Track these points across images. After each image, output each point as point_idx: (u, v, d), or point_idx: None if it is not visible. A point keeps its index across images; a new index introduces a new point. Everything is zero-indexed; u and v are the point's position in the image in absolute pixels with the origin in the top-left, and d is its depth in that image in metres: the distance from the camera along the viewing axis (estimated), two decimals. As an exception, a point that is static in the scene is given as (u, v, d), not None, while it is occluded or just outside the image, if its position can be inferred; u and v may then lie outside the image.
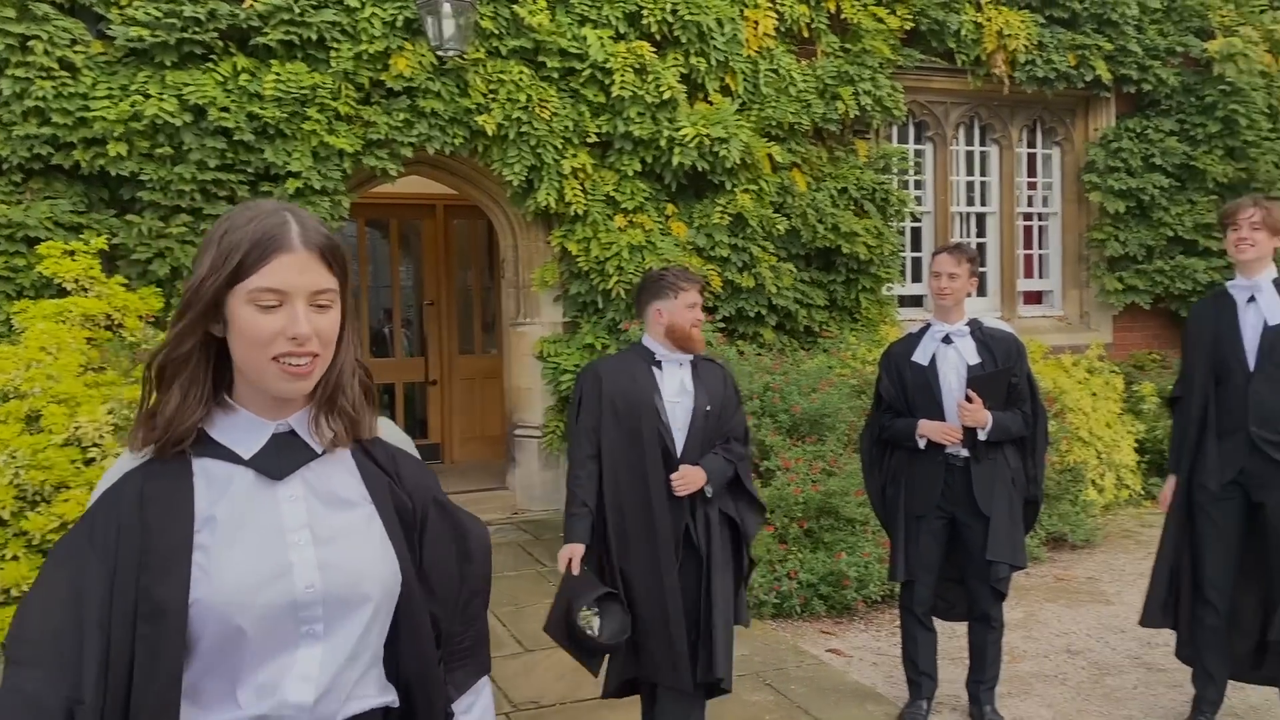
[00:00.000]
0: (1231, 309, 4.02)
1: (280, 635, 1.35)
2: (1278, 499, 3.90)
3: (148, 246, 6.41)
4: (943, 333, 4.14)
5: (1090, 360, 8.67)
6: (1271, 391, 3.89)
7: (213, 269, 1.36)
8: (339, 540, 1.40)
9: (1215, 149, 9.28)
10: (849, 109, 8.05)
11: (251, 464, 1.40)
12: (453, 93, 7.07)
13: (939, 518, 4.12)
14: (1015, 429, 4.04)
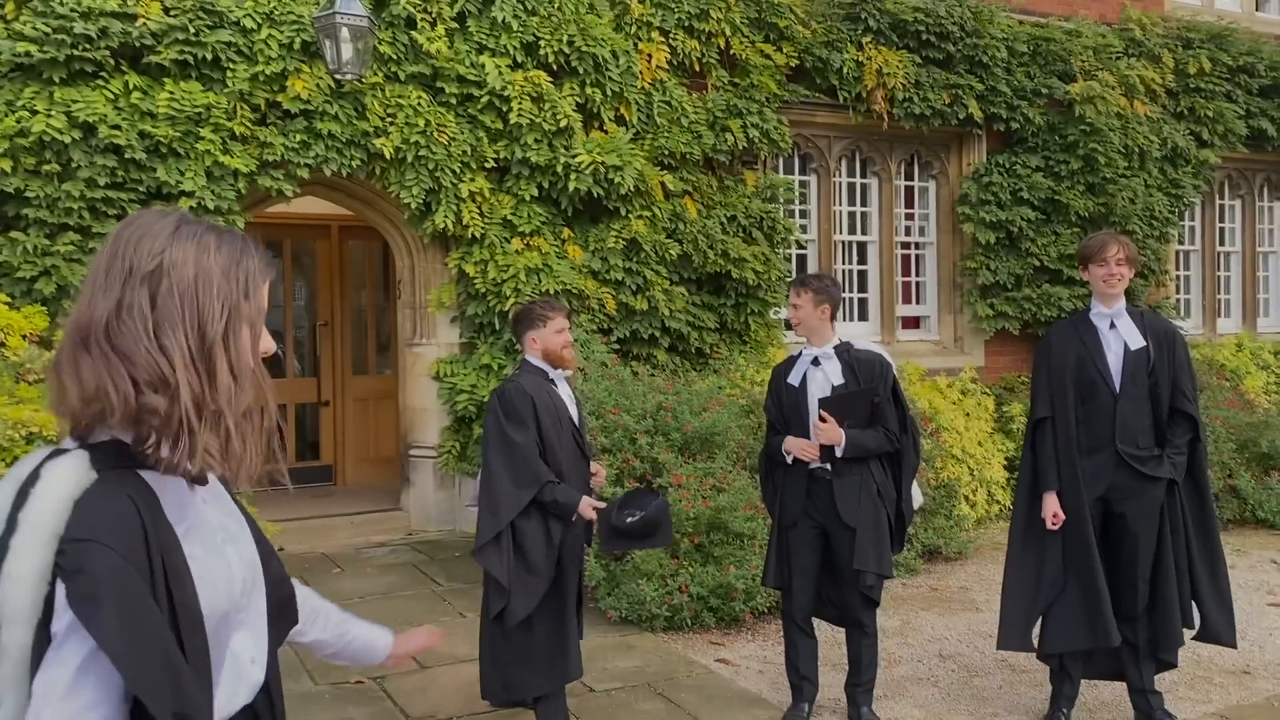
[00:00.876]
0: (1094, 334, 4.34)
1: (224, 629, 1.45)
2: (1136, 509, 4.25)
3: (33, 264, 6.30)
4: (812, 355, 4.45)
5: (964, 382, 9.16)
6: (1134, 410, 4.25)
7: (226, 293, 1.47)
8: (236, 536, 1.52)
9: (1077, 184, 9.93)
10: (738, 140, 8.37)
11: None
12: (350, 115, 7.14)
13: (811, 527, 4.39)
14: (874, 446, 4.30)
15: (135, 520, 1.29)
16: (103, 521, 1.27)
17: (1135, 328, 4.31)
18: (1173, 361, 4.27)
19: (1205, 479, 4.39)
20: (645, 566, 5.75)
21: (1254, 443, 8.61)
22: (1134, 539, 4.27)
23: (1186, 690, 4.89)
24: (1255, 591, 6.59)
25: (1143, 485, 4.25)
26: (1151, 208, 10.40)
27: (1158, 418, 4.27)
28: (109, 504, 1.29)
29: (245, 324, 1.42)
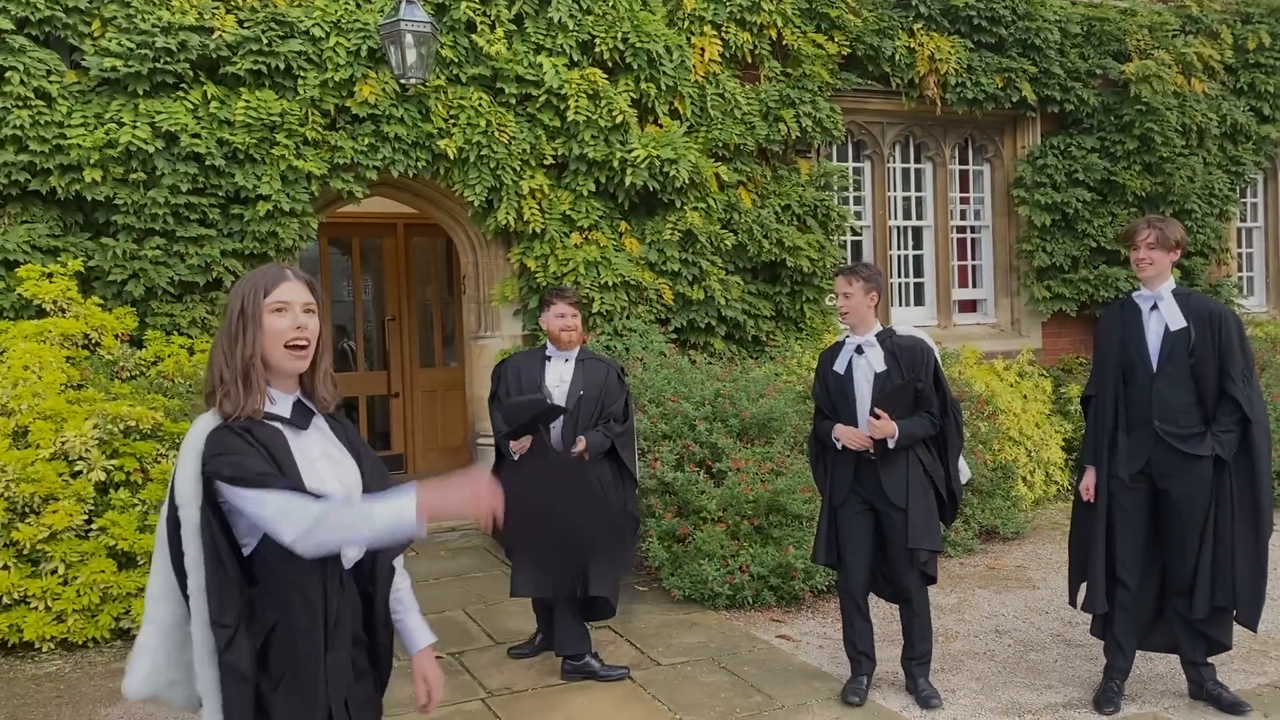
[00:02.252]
0: (1137, 316, 4.49)
1: None
2: (1179, 485, 4.37)
3: (123, 268, 6.67)
4: (856, 344, 4.65)
5: (1021, 365, 9.21)
6: (1171, 389, 4.37)
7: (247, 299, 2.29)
8: (338, 462, 2.36)
9: (1133, 165, 9.89)
10: (791, 130, 8.51)
11: (290, 420, 2.31)
12: (415, 118, 7.42)
13: (860, 505, 4.60)
14: (921, 433, 4.51)
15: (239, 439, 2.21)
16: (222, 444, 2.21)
17: (1178, 309, 4.41)
18: (1219, 343, 4.33)
19: (1261, 462, 4.38)
20: (706, 548, 5.96)
21: (1317, 420, 8.55)
22: (1179, 514, 4.38)
23: (1241, 663, 4.97)
24: (1316, 568, 6.60)
25: (1185, 462, 4.34)
26: (1210, 186, 10.32)
27: (1202, 398, 4.35)
28: (223, 435, 2.22)
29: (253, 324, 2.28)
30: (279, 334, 2.25)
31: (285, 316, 2.26)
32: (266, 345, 2.25)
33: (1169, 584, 4.50)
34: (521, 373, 5.07)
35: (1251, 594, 4.39)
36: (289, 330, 2.26)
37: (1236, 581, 4.37)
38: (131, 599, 5.42)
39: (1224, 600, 4.38)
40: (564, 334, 5.04)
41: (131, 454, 5.65)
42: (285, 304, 2.27)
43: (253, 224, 6.93)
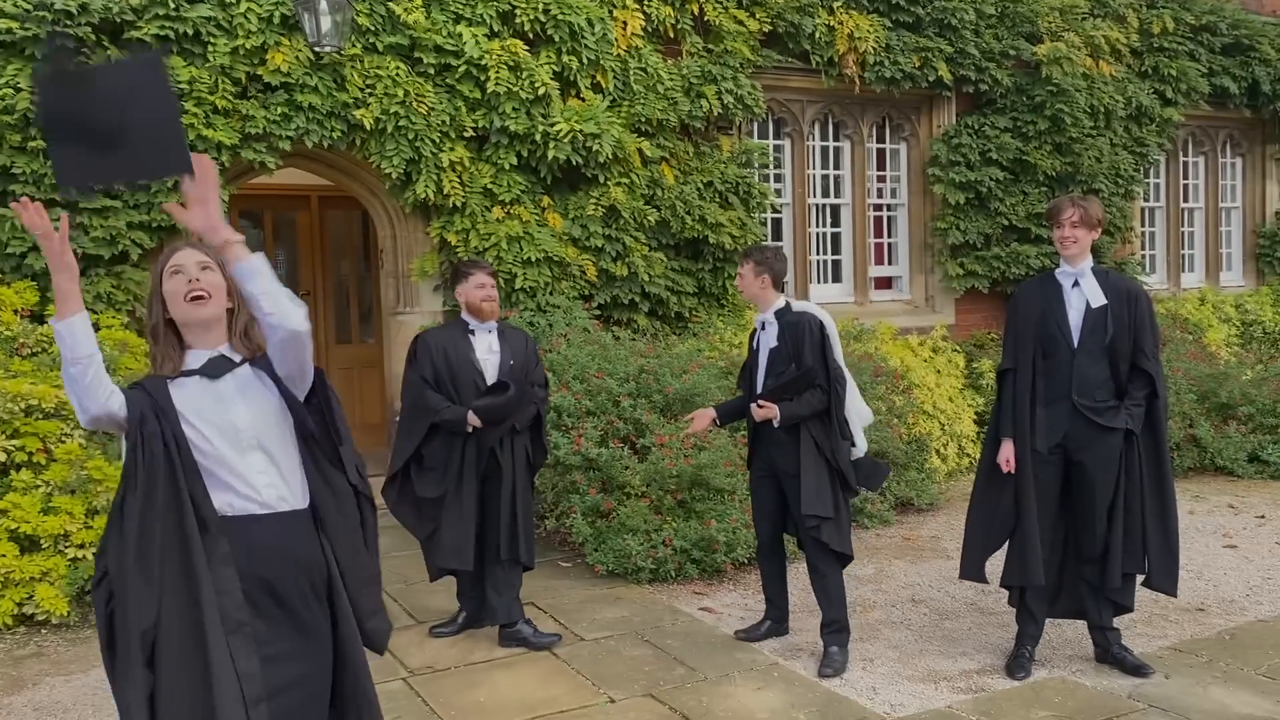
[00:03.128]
0: (1058, 292, 4.59)
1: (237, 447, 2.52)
2: (1092, 458, 4.51)
3: (22, 240, 6.39)
4: (760, 321, 4.93)
5: (935, 340, 9.41)
6: (1091, 365, 4.50)
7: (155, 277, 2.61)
8: (255, 396, 2.58)
9: (1044, 145, 10.14)
10: (713, 106, 8.52)
11: (200, 371, 2.56)
12: (330, 87, 7.23)
13: (765, 474, 4.91)
14: (808, 411, 4.69)
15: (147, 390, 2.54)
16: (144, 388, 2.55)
17: (1098, 287, 4.53)
18: (1134, 320, 4.48)
19: (1163, 433, 4.57)
20: (630, 522, 5.97)
21: (1214, 393, 8.93)
22: (1091, 486, 4.52)
23: (1144, 627, 5.18)
24: (1212, 535, 6.91)
25: (1099, 435, 4.48)
26: (1117, 166, 10.64)
27: (1116, 373, 4.49)
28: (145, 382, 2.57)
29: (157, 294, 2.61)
30: (177, 293, 2.53)
31: (180, 277, 2.54)
32: (171, 306, 2.55)
33: (1078, 553, 4.65)
34: (449, 349, 4.93)
35: (1165, 561, 4.56)
36: (183, 285, 2.53)
37: (1149, 550, 4.53)
38: (35, 583, 5.23)
39: (1133, 567, 4.56)
40: (486, 304, 4.95)
41: (34, 434, 5.44)
42: (179, 266, 2.55)
43: (160, 195, 6.69)
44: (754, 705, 4.34)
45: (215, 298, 2.55)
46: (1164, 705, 4.25)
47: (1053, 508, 4.62)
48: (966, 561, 4.79)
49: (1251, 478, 8.53)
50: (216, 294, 2.55)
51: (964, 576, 4.83)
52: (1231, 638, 5.04)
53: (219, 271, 2.55)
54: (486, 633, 5.12)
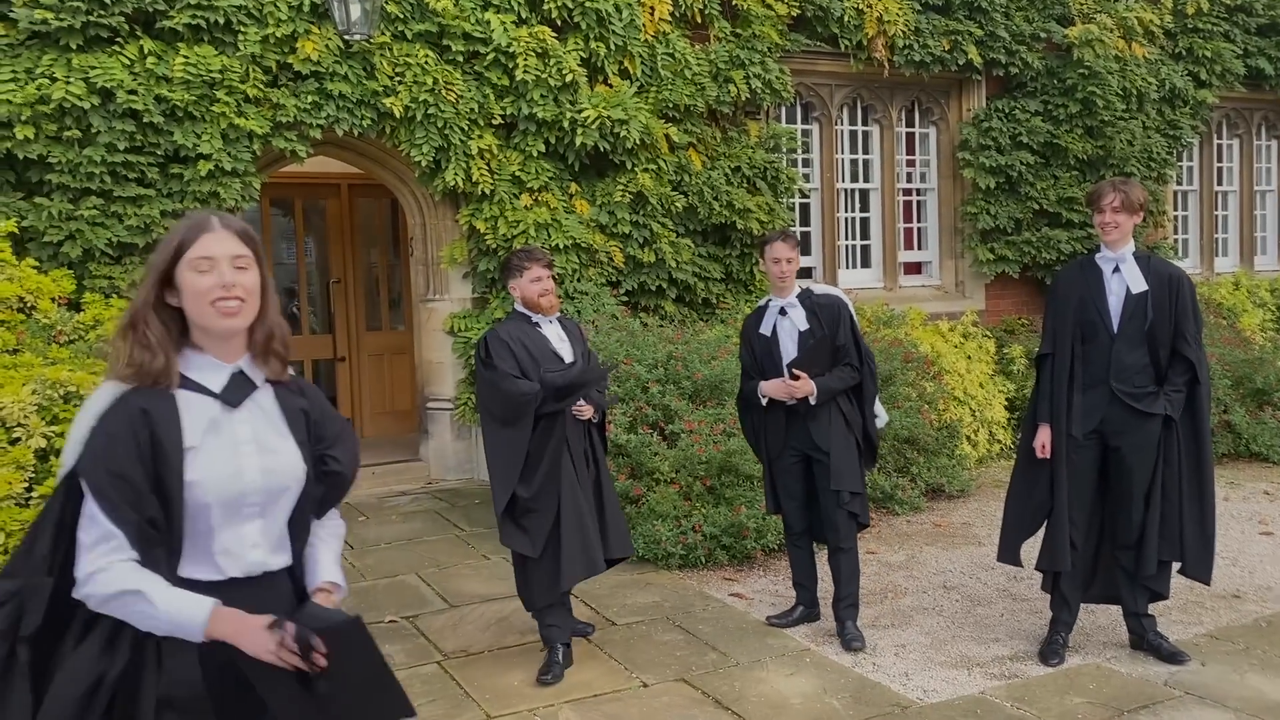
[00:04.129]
0: (1098, 277, 4.54)
1: (233, 516, 2.02)
2: (1130, 443, 4.48)
3: (58, 229, 6.46)
4: (779, 306, 4.90)
5: (965, 326, 9.34)
6: (1130, 351, 4.46)
7: (163, 255, 2.02)
8: (273, 450, 2.07)
9: (1075, 128, 10.03)
10: (741, 91, 8.48)
11: (219, 396, 2.04)
12: (360, 75, 7.26)
13: (791, 456, 4.89)
14: (840, 386, 4.79)
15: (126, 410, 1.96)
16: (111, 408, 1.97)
17: (1139, 272, 4.48)
18: (1175, 306, 4.43)
19: (1204, 420, 4.51)
20: (660, 508, 5.99)
21: (1249, 379, 8.83)
22: (1128, 472, 4.49)
23: (1179, 614, 5.14)
24: (1248, 521, 6.84)
25: (1138, 421, 4.44)
26: (1149, 149, 10.52)
27: (1156, 358, 4.45)
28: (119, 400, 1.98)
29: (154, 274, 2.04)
30: (202, 293, 1.98)
31: (210, 276, 1.98)
32: (188, 301, 2.00)
33: (1114, 538, 4.62)
34: (527, 342, 4.49)
35: (1200, 548, 4.52)
36: (213, 290, 1.98)
37: (1184, 537, 4.49)
38: (76, 568, 5.31)
39: (1170, 554, 4.52)
40: (544, 299, 4.56)
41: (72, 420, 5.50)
42: (210, 259, 1.99)
43: (193, 184, 6.75)
44: (786, 690, 4.34)
45: (249, 305, 2.02)
46: (1200, 692, 4.22)
47: (1089, 493, 4.59)
48: (1003, 545, 4.79)
49: (1287, 464, 8.43)
50: (250, 300, 2.02)
51: (1001, 559, 4.82)
52: (1268, 625, 4.99)
53: (255, 268, 2.04)
54: (519, 618, 5.15)
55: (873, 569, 5.94)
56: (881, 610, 5.32)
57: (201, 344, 2.04)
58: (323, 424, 2.19)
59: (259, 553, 2.06)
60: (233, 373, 2.05)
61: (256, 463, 2.03)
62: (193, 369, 2.03)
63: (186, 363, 2.03)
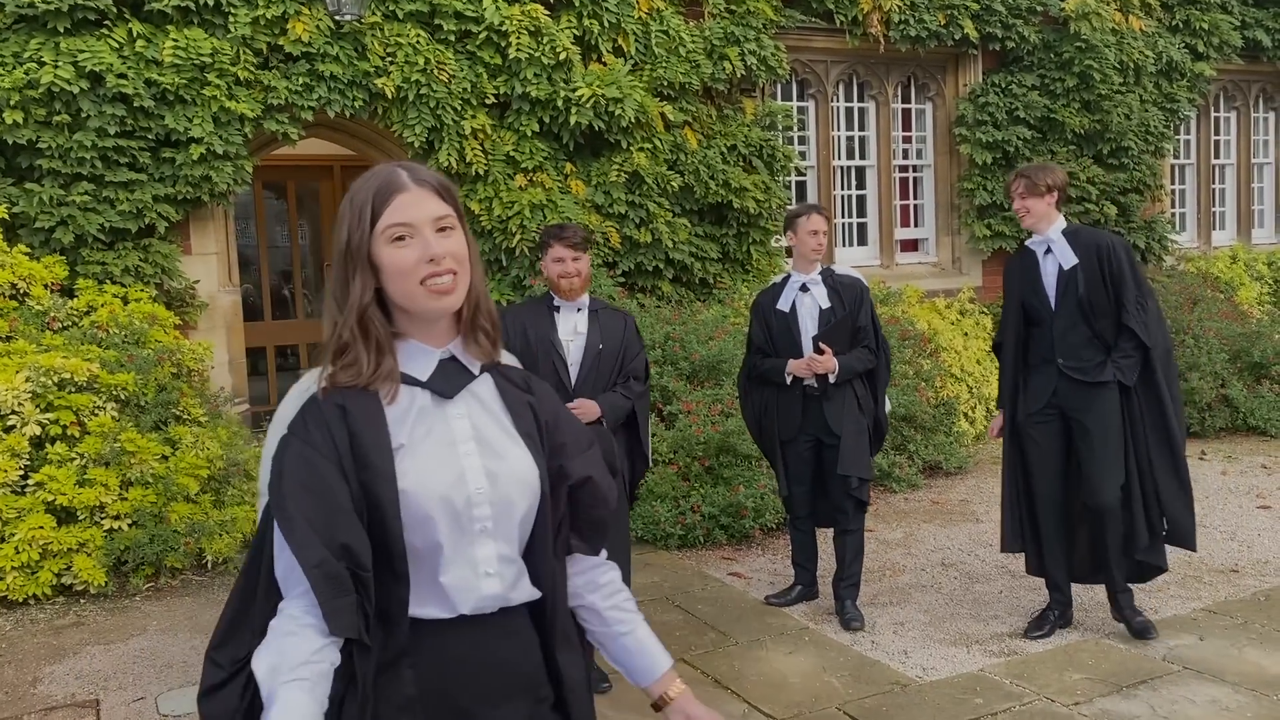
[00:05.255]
0: (1034, 261, 4.59)
1: (461, 533, 1.60)
2: (1089, 415, 4.44)
3: (50, 215, 6.42)
4: (800, 282, 4.83)
5: (962, 302, 9.33)
6: (1070, 327, 4.48)
7: (352, 227, 1.60)
8: (499, 452, 1.64)
9: (1072, 102, 9.98)
10: (736, 68, 8.42)
11: (427, 386, 1.64)
12: (351, 56, 7.20)
13: (804, 440, 4.83)
14: (859, 366, 4.76)
15: (322, 417, 1.57)
16: (300, 417, 1.59)
17: (1069, 248, 4.48)
18: (1109, 273, 4.40)
19: (1162, 386, 4.42)
20: (658, 489, 5.99)
21: (1246, 352, 8.82)
22: (1088, 438, 4.46)
23: (1177, 589, 5.15)
24: (1245, 495, 6.85)
25: (1090, 392, 4.44)
26: (1146, 123, 10.47)
27: (1099, 330, 4.43)
28: (309, 404, 1.60)
29: (362, 262, 1.62)
30: (406, 270, 1.58)
31: (411, 246, 1.58)
32: (391, 282, 1.59)
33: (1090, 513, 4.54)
34: (528, 327, 4.15)
35: (1180, 515, 4.50)
36: (419, 266, 1.57)
37: (1164, 506, 4.48)
38: (73, 554, 5.31)
39: (1159, 526, 4.51)
40: (562, 281, 4.15)
41: (67, 407, 5.49)
42: (409, 226, 1.58)
43: (185, 168, 6.70)
44: (786, 669, 4.35)
45: (461, 277, 1.62)
46: (1198, 667, 4.23)
47: (1056, 464, 4.56)
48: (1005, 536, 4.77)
49: (1284, 438, 8.44)
50: (462, 271, 1.62)
51: (1006, 549, 4.83)
52: (1266, 599, 5.00)
53: (460, 228, 1.63)
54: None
55: (871, 547, 5.92)
56: (880, 588, 5.33)
57: (402, 326, 1.65)
58: (557, 428, 1.74)
59: (495, 584, 1.62)
60: (441, 358, 1.66)
61: (479, 464, 1.62)
62: (402, 361, 1.65)
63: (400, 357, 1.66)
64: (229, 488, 5.95)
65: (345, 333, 1.59)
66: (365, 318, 1.59)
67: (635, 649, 1.80)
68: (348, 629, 1.51)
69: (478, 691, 1.62)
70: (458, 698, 1.61)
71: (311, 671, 1.50)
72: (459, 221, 1.63)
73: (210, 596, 5.43)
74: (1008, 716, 3.87)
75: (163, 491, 5.52)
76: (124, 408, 5.79)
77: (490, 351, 1.69)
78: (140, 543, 5.38)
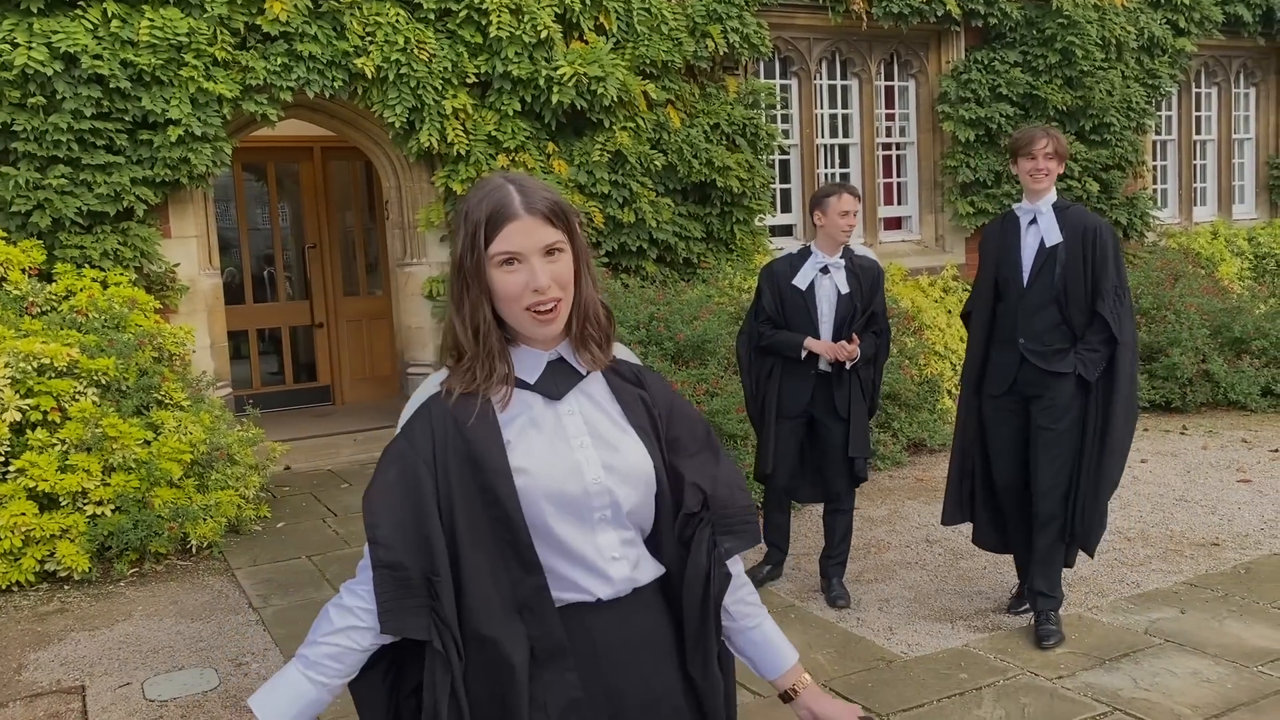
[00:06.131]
0: (1015, 230, 4.31)
1: (582, 521, 1.66)
2: (1041, 405, 4.25)
3: (26, 199, 6.35)
4: (823, 263, 4.72)
5: (945, 280, 9.35)
6: (1039, 307, 4.22)
7: (466, 247, 1.65)
8: (612, 444, 1.70)
9: (1055, 79, 9.98)
10: (718, 46, 8.38)
11: (536, 388, 1.70)
12: (330, 36, 7.13)
13: (803, 419, 4.80)
14: (871, 353, 4.76)
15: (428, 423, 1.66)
16: (406, 424, 1.69)
17: (1055, 223, 4.22)
18: (1093, 259, 4.16)
19: (1121, 384, 4.16)
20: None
21: (1227, 328, 8.88)
22: (1036, 432, 4.29)
23: (1159, 563, 5.20)
24: (1226, 469, 6.91)
25: (1047, 381, 4.23)
26: (1129, 99, 10.48)
27: (1069, 315, 4.20)
28: (418, 411, 1.69)
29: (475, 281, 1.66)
30: (512, 295, 1.63)
31: (518, 273, 1.62)
32: (500, 304, 1.66)
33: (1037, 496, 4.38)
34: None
35: (1091, 517, 4.25)
36: (525, 294, 1.62)
37: (1077, 504, 4.26)
38: (56, 541, 5.28)
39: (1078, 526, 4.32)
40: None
41: (47, 392, 5.45)
42: (515, 255, 1.62)
43: (163, 150, 6.63)
44: (772, 647, 4.36)
45: (565, 299, 1.67)
46: (1180, 640, 4.27)
47: (1014, 444, 4.39)
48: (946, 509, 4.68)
49: (1265, 412, 8.51)
50: (566, 296, 1.67)
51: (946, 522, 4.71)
52: (1246, 572, 5.05)
53: (569, 248, 1.66)
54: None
55: (855, 524, 5.93)
56: (865, 565, 5.35)
57: (513, 331, 1.70)
58: (673, 421, 1.78)
59: (623, 567, 1.68)
60: (549, 360, 1.71)
61: (595, 457, 1.67)
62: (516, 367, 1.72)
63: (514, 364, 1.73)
64: (212, 472, 5.92)
65: (463, 341, 1.66)
66: (480, 330, 1.66)
67: (762, 642, 1.85)
68: (404, 630, 1.60)
69: (627, 670, 1.69)
70: (610, 678, 1.67)
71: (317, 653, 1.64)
72: (569, 240, 1.67)
73: (195, 581, 5.42)
74: (992, 691, 3.90)
75: (145, 477, 5.48)
76: (105, 393, 5.74)
77: (599, 359, 1.74)
78: (124, 528, 5.35)
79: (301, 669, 1.63)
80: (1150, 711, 3.69)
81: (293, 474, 7.50)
